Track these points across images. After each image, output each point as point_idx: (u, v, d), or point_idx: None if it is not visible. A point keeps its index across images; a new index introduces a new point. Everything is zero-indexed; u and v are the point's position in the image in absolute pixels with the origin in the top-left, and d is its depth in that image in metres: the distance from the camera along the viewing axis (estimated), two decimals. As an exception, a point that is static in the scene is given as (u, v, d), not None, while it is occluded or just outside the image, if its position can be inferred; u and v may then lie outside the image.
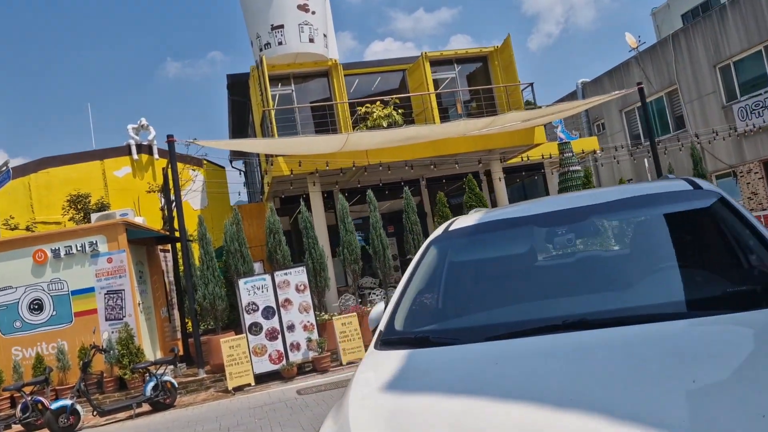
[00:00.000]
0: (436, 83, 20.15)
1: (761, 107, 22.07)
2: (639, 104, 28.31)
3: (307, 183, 16.91)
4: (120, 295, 11.17)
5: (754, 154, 22.83)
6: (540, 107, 14.32)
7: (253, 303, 11.19)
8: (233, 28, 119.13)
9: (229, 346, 10.94)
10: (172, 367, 11.37)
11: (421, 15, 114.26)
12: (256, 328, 11.15)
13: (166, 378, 9.87)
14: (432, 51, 19.74)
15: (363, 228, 17.17)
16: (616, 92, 14.17)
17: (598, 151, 22.54)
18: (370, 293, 14.20)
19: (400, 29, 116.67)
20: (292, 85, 19.51)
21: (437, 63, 20.19)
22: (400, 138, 13.44)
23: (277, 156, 15.50)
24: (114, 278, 11.19)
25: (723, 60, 23.72)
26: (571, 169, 19.43)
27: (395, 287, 4.04)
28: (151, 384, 9.69)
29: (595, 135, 29.66)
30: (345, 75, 19.45)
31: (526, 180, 23.41)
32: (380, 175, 17.26)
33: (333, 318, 11.29)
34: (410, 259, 12.94)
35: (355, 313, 11.46)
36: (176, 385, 10.07)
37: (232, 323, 12.63)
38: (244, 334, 11.13)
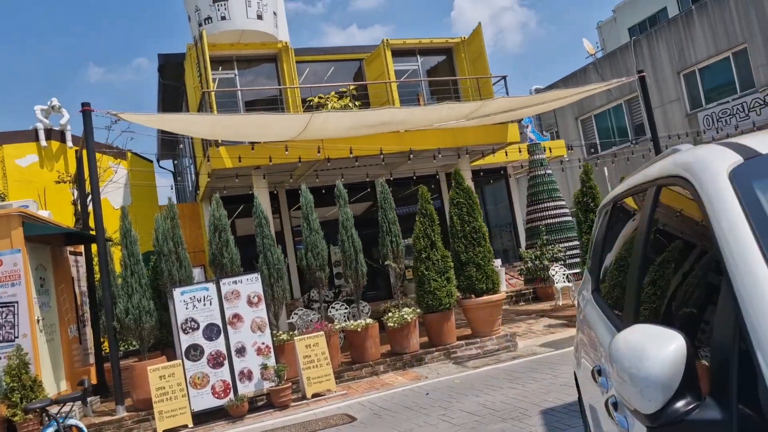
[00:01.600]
0: (398, 76, 18.15)
1: (728, 115, 21.23)
2: (597, 112, 27.37)
3: (252, 180, 14.47)
4: (11, 308, 8.42)
5: (721, 164, 21.88)
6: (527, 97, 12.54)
7: (192, 319, 8.70)
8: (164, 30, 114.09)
9: (160, 375, 8.38)
10: (80, 404, 8.66)
11: (354, 31, 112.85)
12: (195, 351, 8.64)
13: (71, 422, 7.23)
14: (394, 38, 17.75)
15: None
16: (615, 80, 12.55)
17: (565, 157, 21.11)
18: (329, 308, 11.89)
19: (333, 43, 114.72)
20: (236, 69, 17.05)
21: (399, 53, 18.22)
22: (372, 122, 11.28)
23: (218, 145, 13.02)
24: (4, 286, 8.44)
25: (688, 67, 22.87)
26: (541, 172, 17.83)
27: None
28: (50, 430, 7.04)
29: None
30: (296, 62, 17.17)
31: (486, 186, 21.68)
32: (333, 175, 15.01)
33: (295, 339, 8.93)
34: (388, 267, 10.93)
35: (321, 333, 9.13)
36: (85, 431, 7.43)
37: (164, 345, 10.05)
38: (180, 360, 8.60)
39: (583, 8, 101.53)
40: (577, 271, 14.87)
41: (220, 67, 16.84)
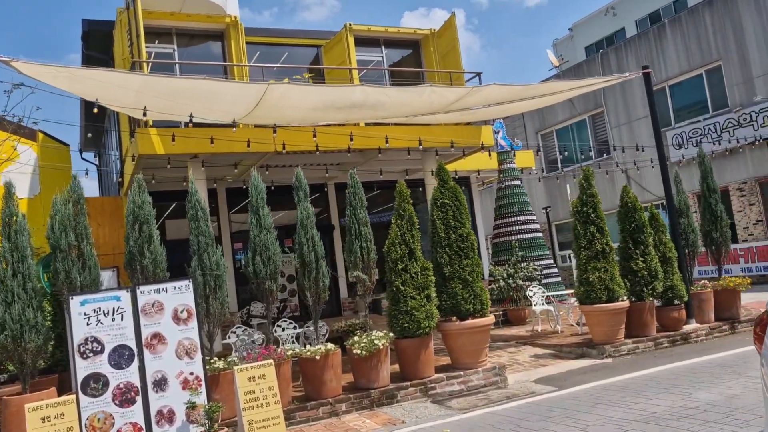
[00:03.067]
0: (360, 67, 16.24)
1: (700, 135, 20.30)
2: (558, 127, 26.22)
3: (187, 171, 12.20)
4: None
5: (689, 185, 20.90)
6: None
7: (95, 339, 6.41)
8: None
9: (42, 416, 6.04)
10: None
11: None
12: (96, 383, 6.35)
13: None
14: (358, 24, 15.83)
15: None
16: (617, 75, 11.01)
17: (533, 169, 19.64)
18: (274, 327, 9.76)
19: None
20: (175, 43, 14.71)
21: (363, 41, 16.29)
22: (341, 102, 9.30)
23: (147, 125, 10.74)
24: None
25: (658, 83, 21.88)
26: (512, 182, 16.23)
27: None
28: None
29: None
30: (246, 43, 15.00)
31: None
32: (287, 172, 12.88)
33: (235, 368, 6.75)
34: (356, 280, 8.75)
35: (270, 361, 6.98)
36: None
37: (63, 369, 7.68)
38: (74, 394, 6.30)
39: (525, 35, 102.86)
40: (561, 292, 13.19)
41: (157, 41, 14.49)
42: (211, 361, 7.18)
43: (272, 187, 13.16)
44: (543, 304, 12.68)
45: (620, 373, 8.29)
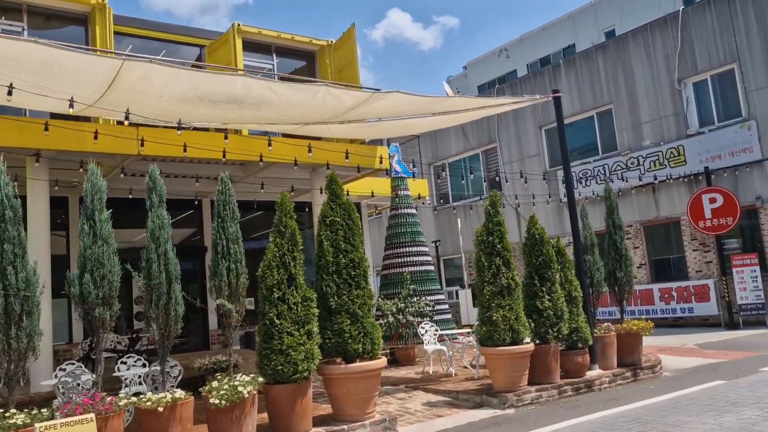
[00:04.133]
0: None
1: (589, 176, 20.37)
2: (451, 160, 25.75)
3: (26, 171, 10.07)
4: None
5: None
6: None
7: None
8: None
9: None
10: None
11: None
12: None
13: None
14: (249, 26, 14.31)
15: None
16: (528, 96, 10.21)
17: (426, 199, 18.75)
18: (118, 363, 7.87)
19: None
20: (25, 21, 12.49)
21: (252, 46, 14.77)
22: (218, 95, 7.73)
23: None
24: None
25: (550, 122, 21.94)
26: (405, 211, 15.14)
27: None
28: None
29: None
30: (115, 33, 13.06)
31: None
32: (137, 183, 11.03)
33: (37, 426, 4.89)
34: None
35: (90, 416, 5.18)
36: None
37: None
38: None
39: (419, 76, 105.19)
40: (453, 331, 12.07)
41: (4, 16, 12.23)
42: (6, 414, 5.24)
43: (130, 196, 11.24)
44: (435, 343, 11.51)
45: (527, 428, 7.17)
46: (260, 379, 6.56)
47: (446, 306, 14.76)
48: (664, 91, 18.71)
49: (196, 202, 13.75)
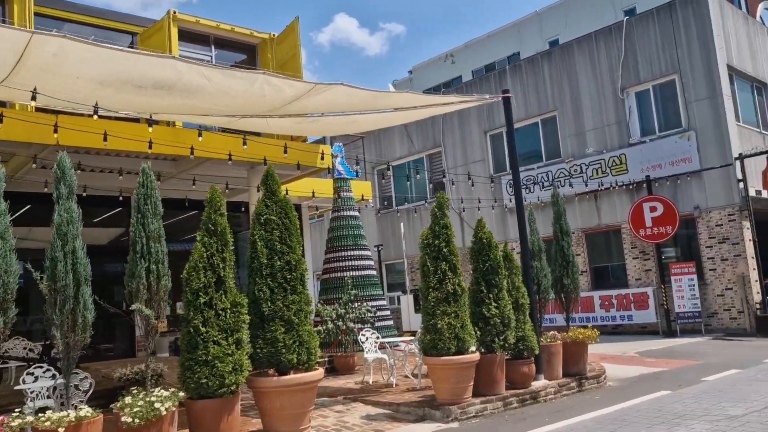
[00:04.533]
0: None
1: (532, 183, 20.33)
2: (396, 163, 25.36)
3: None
4: None
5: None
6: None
7: None
8: None
9: None
10: None
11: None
12: None
13: None
14: (185, 14, 13.51)
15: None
16: (477, 96, 9.83)
17: (370, 202, 18.26)
18: (24, 374, 7.00)
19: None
20: (-67, -5, 11.38)
21: (189, 35, 13.94)
22: (143, 78, 7.02)
23: None
24: None
25: (496, 128, 21.88)
26: (347, 213, 14.61)
27: None
28: None
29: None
30: (35, 13, 12.07)
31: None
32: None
33: None
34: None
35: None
36: None
37: None
38: None
39: (365, 80, 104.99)
40: (395, 339, 11.59)
41: None
42: None
43: (45, 189, 10.31)
44: (376, 351, 10.99)
45: (473, 445, 6.74)
46: (182, 393, 5.88)
47: (388, 312, 14.30)
48: (608, 100, 18.84)
49: (121, 199, 12.84)
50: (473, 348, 8.33)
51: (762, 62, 19.42)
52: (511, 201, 20.54)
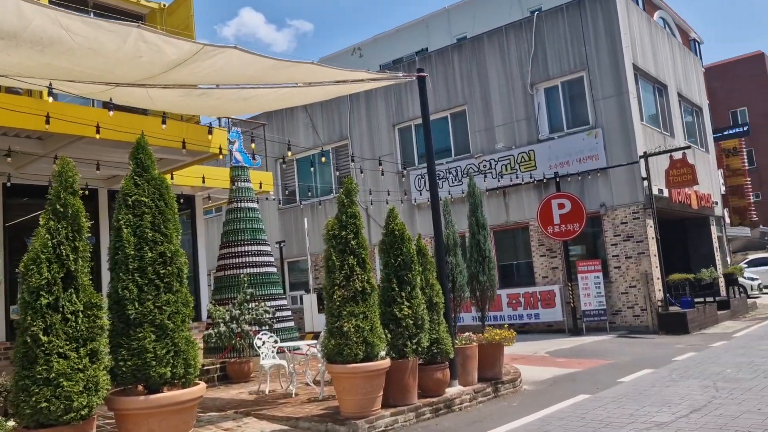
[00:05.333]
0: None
1: (441, 179, 19.75)
2: (300, 156, 24.10)
3: None
4: None
5: (428, 228, 20.16)
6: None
7: None
8: None
9: None
10: None
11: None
12: None
13: None
14: (57, -29, 11.72)
15: None
16: (391, 74, 8.89)
17: (269, 193, 16.96)
18: None
19: None
20: None
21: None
22: (4, 29, 5.56)
23: None
24: None
25: (404, 121, 21.19)
26: (245, 205, 13.33)
27: None
28: None
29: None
30: None
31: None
32: None
33: None
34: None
35: None
36: None
37: None
38: None
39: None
40: (296, 343, 10.49)
41: None
42: None
43: None
44: (274, 356, 9.86)
45: (383, 468, 5.78)
46: (11, 423, 4.54)
47: (289, 312, 13.15)
48: (517, 95, 18.55)
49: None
50: (383, 353, 7.40)
51: (662, 65, 19.81)
52: (421, 194, 19.91)
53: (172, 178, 12.44)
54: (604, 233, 16.91)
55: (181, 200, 13.81)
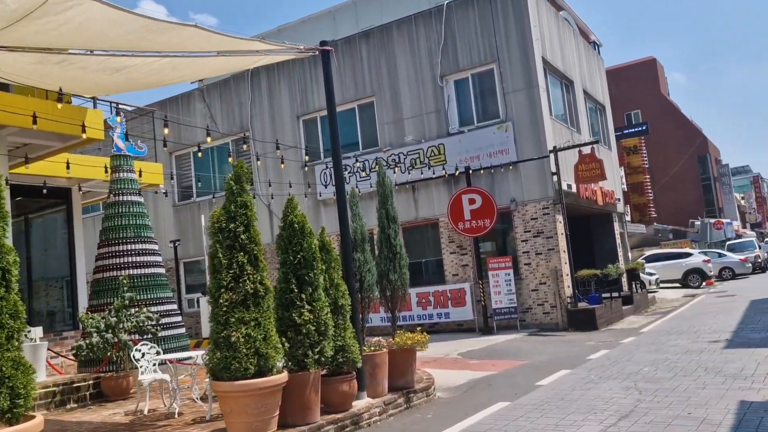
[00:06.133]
0: None
1: (348, 173, 18.80)
2: (195, 149, 22.39)
3: None
4: None
5: (335, 225, 19.24)
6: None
7: None
8: None
9: None
10: None
11: None
12: None
13: None
14: None
15: None
16: (288, 44, 7.79)
17: (161, 187, 15.41)
18: None
19: None
20: None
21: None
22: None
23: None
24: None
25: (310, 112, 20.11)
26: (128, 198, 11.84)
27: None
28: None
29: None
30: None
31: (31, 216, 14.30)
32: None
33: None
34: None
35: None
36: None
37: None
38: None
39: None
40: (187, 354, 9.20)
41: None
42: None
43: None
44: (156, 370, 8.54)
45: None
46: None
47: (179, 318, 11.80)
48: (427, 87, 17.91)
49: None
50: (280, 365, 6.35)
51: (569, 61, 19.81)
52: (327, 188, 18.88)
53: (27, 165, 10.84)
54: (514, 229, 16.55)
55: (45, 191, 12.16)
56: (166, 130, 9.35)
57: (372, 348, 7.94)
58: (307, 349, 6.56)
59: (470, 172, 16.67)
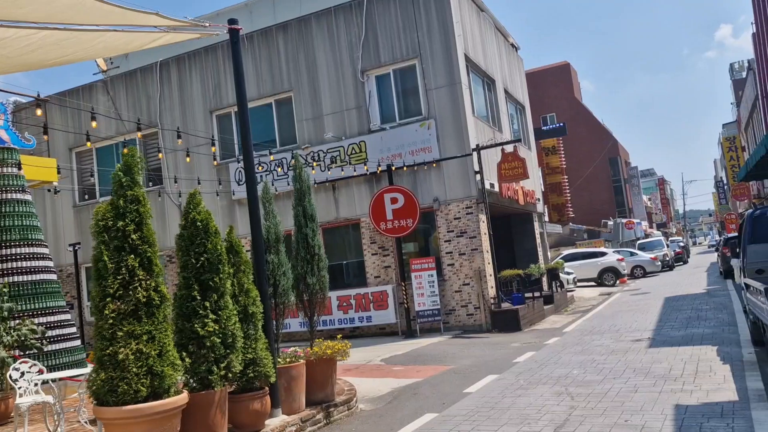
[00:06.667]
0: None
1: (265, 171, 17.90)
2: (103, 144, 20.82)
3: None
4: None
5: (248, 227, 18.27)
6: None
7: None
8: None
9: None
10: None
11: None
12: None
13: None
14: None
15: None
16: (190, 19, 6.90)
17: (54, 185, 13.98)
18: None
19: None
20: None
21: None
22: None
23: None
24: None
25: (223, 107, 19.03)
26: (13, 196, 10.56)
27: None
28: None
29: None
30: None
31: None
32: None
33: None
34: None
35: None
36: None
37: None
38: None
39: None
40: (82, 371, 8.13)
41: None
42: None
43: None
44: (38, 391, 7.45)
45: None
46: None
47: (74, 330, 10.60)
48: (348, 83, 17.25)
49: None
50: (179, 380, 5.51)
51: (491, 59, 19.68)
52: (241, 186, 17.86)
53: None
54: (437, 229, 16.15)
55: None
56: (39, 111, 8.18)
57: (288, 359, 7.19)
58: (211, 364, 5.74)
59: (392, 170, 16.14)
